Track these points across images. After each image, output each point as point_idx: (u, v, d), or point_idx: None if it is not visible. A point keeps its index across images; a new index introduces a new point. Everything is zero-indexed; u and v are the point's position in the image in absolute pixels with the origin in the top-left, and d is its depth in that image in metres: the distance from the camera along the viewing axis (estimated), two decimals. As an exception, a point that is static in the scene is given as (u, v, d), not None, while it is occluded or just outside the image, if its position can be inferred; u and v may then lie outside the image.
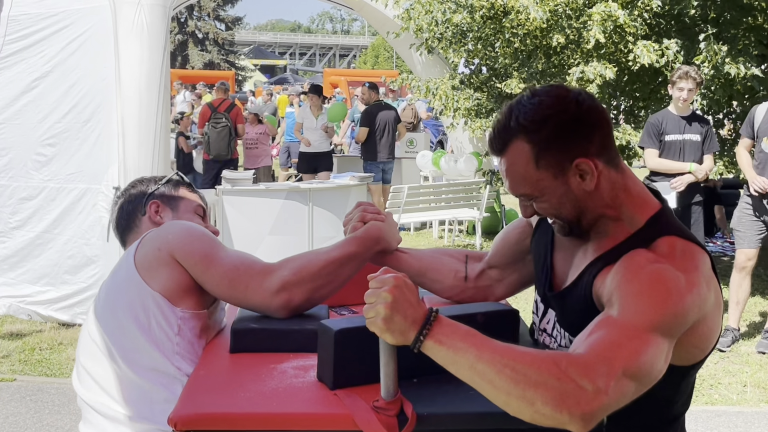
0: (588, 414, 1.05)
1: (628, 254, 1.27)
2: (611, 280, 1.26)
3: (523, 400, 1.06)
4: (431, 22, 7.14)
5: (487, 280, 1.68)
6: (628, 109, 7.33)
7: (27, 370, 4.50)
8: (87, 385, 1.61)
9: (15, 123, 5.37)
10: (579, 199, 1.33)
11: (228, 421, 1.18)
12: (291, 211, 5.90)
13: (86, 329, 1.64)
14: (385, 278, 1.14)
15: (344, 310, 1.80)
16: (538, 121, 1.29)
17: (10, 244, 5.39)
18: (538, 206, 1.36)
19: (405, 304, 1.12)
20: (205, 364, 1.44)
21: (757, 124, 4.90)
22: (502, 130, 1.34)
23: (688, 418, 4.21)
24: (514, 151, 1.32)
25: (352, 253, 1.57)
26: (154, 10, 5.33)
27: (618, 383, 1.08)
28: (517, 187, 1.36)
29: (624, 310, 1.19)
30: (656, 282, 1.20)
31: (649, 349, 1.14)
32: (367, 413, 1.16)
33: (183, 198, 1.81)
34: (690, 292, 1.21)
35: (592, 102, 1.33)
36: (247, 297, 1.52)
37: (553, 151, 1.30)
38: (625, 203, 1.35)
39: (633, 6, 5.98)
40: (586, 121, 1.31)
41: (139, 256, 1.56)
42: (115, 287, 1.59)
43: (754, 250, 4.92)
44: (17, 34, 5.37)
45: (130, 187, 1.84)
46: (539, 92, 1.33)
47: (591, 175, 1.31)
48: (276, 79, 40.90)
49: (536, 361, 1.08)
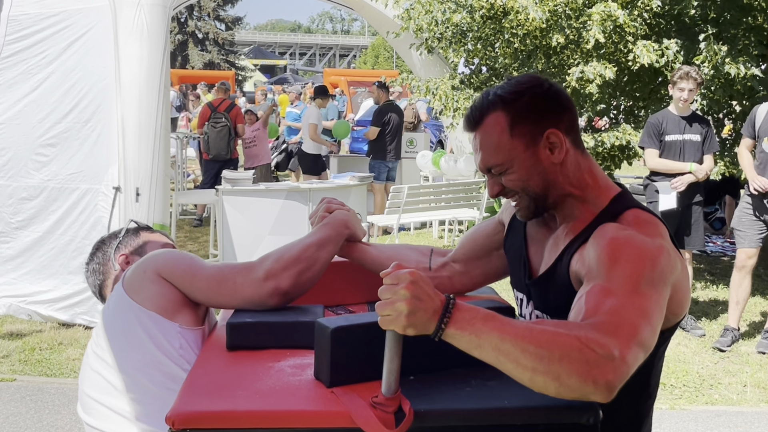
0: (612, 382, 1.09)
1: (599, 229, 1.36)
2: (587, 256, 1.34)
3: (549, 375, 1.09)
4: (431, 22, 7.14)
5: (449, 271, 1.72)
6: (628, 109, 7.33)
7: (27, 370, 4.50)
8: (98, 414, 1.62)
9: (15, 123, 5.38)
10: (547, 172, 1.42)
11: (225, 419, 1.18)
12: (291, 211, 5.90)
13: (87, 363, 1.68)
14: (400, 274, 1.13)
15: (340, 310, 1.80)
16: (516, 92, 1.42)
17: (13, 244, 5.39)
18: (506, 179, 1.44)
19: (424, 297, 1.12)
20: (203, 362, 1.44)
21: (758, 124, 4.91)
22: (480, 104, 1.45)
23: (688, 418, 4.17)
24: (490, 121, 1.43)
25: (326, 237, 1.65)
26: (154, 10, 5.34)
27: (632, 351, 1.13)
28: (489, 158, 1.44)
29: (610, 279, 1.25)
30: (629, 246, 1.29)
31: (648, 312, 1.21)
32: (365, 410, 1.16)
33: (147, 242, 1.89)
34: (661, 254, 1.30)
35: (561, 89, 1.47)
36: (237, 293, 1.55)
37: (527, 121, 1.41)
38: (590, 185, 1.45)
39: (633, 6, 5.98)
40: (558, 100, 1.44)
41: (127, 282, 1.62)
42: (110, 316, 1.64)
43: (755, 249, 4.93)
44: (17, 34, 5.38)
45: (94, 251, 1.92)
46: (515, 77, 1.48)
47: (560, 148, 1.41)
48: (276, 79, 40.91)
49: (558, 336, 1.11)
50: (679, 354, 4.80)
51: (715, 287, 6.38)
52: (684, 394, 4.22)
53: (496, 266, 1.71)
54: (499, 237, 1.69)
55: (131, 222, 1.98)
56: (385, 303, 1.12)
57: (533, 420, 1.19)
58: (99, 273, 1.88)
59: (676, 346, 4.94)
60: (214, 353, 1.48)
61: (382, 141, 8.78)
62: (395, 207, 7.41)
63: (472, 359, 1.20)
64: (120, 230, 1.93)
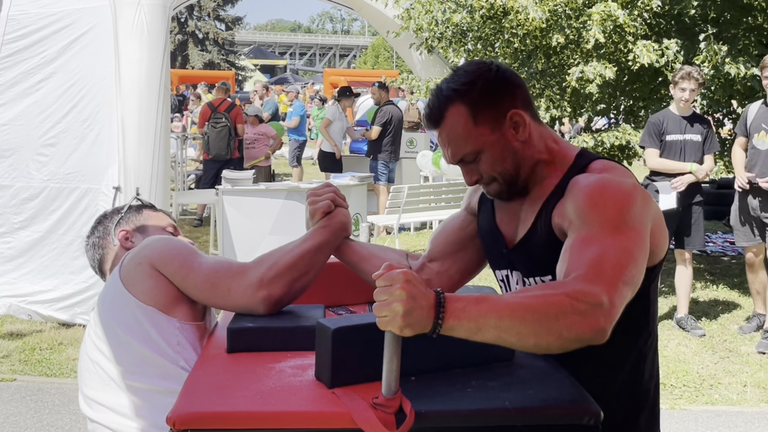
0: (604, 326, 1.18)
1: (572, 182, 1.43)
2: (567, 208, 1.40)
3: (550, 335, 1.16)
4: (431, 22, 7.14)
5: (427, 273, 1.72)
6: (628, 109, 7.32)
7: (27, 370, 4.50)
8: (97, 409, 1.63)
9: (18, 124, 5.38)
10: (517, 151, 1.49)
11: (226, 420, 1.18)
12: (291, 211, 5.90)
13: (85, 352, 1.66)
14: (394, 275, 1.13)
15: (341, 310, 1.80)
16: (468, 83, 1.46)
17: (14, 244, 5.39)
18: (482, 166, 1.49)
19: (419, 295, 1.13)
20: (203, 363, 1.44)
21: (749, 121, 4.99)
22: (437, 102, 1.48)
23: (688, 418, 4.17)
24: (452, 115, 1.47)
25: (324, 242, 1.62)
26: (154, 10, 5.33)
27: (619, 292, 1.21)
28: (459, 150, 1.48)
29: (590, 225, 1.33)
30: (604, 190, 1.37)
31: (631, 250, 1.28)
32: (366, 411, 1.16)
33: (149, 220, 1.87)
34: (636, 192, 1.38)
35: (507, 68, 1.52)
36: (230, 299, 1.54)
37: (487, 107, 1.46)
38: (554, 149, 1.53)
39: (633, 6, 5.98)
40: (508, 80, 1.49)
41: (124, 274, 1.60)
42: (107, 309, 1.62)
43: (757, 244, 4.98)
44: (16, 33, 5.38)
45: (95, 224, 1.89)
46: (460, 67, 1.51)
47: (523, 126, 1.47)
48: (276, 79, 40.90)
49: (548, 298, 1.18)
50: (679, 354, 4.80)
51: (715, 287, 6.38)
52: (684, 394, 4.22)
53: (471, 259, 1.72)
54: (472, 227, 1.70)
55: (135, 198, 1.94)
56: (382, 304, 1.13)
57: (534, 421, 1.19)
58: (98, 247, 1.86)
59: (676, 346, 4.94)
60: (214, 354, 1.48)
61: (383, 141, 8.79)
62: (395, 207, 7.41)
63: (473, 360, 1.20)
64: (123, 206, 1.90)
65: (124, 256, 1.66)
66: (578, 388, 1.27)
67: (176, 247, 1.61)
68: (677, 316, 5.31)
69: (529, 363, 1.38)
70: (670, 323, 5.36)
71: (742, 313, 5.64)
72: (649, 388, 1.57)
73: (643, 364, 1.55)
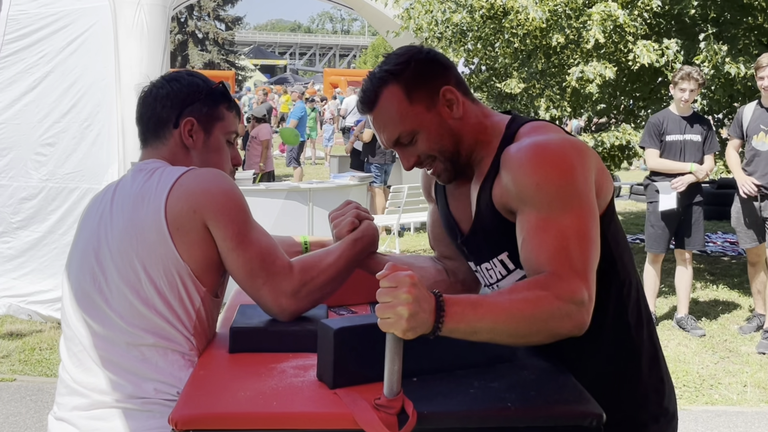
0: (587, 320, 1.26)
1: (504, 154, 1.42)
2: (505, 182, 1.40)
3: (540, 335, 1.24)
4: (431, 22, 7.14)
5: (461, 273, 1.73)
6: (628, 109, 7.32)
7: (27, 370, 4.50)
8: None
9: (15, 123, 5.37)
10: (453, 128, 1.48)
11: (228, 420, 1.18)
12: (291, 211, 5.90)
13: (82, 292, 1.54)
14: (400, 277, 1.14)
15: (343, 310, 1.80)
16: (400, 63, 1.47)
17: (13, 244, 5.39)
18: (420, 146, 1.48)
19: (423, 299, 1.14)
20: (205, 363, 1.44)
21: (746, 123, 4.99)
22: (370, 85, 1.48)
23: (688, 418, 4.16)
24: (386, 96, 1.46)
25: (356, 258, 1.60)
26: (154, 10, 5.33)
27: (591, 282, 1.28)
28: (395, 130, 1.47)
29: (539, 206, 1.33)
30: (539, 158, 1.35)
31: (586, 230, 1.32)
32: (368, 412, 1.16)
33: (220, 120, 1.64)
34: (569, 149, 1.37)
35: (436, 50, 1.54)
36: (258, 295, 1.50)
37: (420, 86, 1.46)
38: (488, 126, 1.51)
39: (633, 6, 5.98)
40: (439, 61, 1.50)
41: (172, 210, 1.45)
42: (139, 236, 1.46)
43: (759, 245, 4.98)
44: (16, 33, 5.37)
45: (171, 80, 1.63)
46: (392, 53, 1.53)
47: (457, 103, 1.47)
48: (276, 79, 40.92)
49: (538, 301, 1.23)
50: (679, 354, 4.80)
51: (715, 287, 6.38)
52: (684, 394, 4.21)
53: None
54: None
55: (220, 84, 1.67)
56: (385, 306, 1.13)
57: (536, 422, 1.19)
58: (157, 118, 1.60)
59: (676, 346, 4.94)
60: (215, 355, 1.48)
61: (375, 144, 8.69)
62: (395, 207, 7.41)
63: (475, 361, 1.20)
64: (205, 84, 1.63)
65: (179, 177, 1.48)
66: (580, 389, 1.27)
67: (236, 209, 1.48)
68: (677, 316, 5.31)
69: (532, 364, 1.39)
70: (670, 323, 5.36)
71: (742, 313, 5.64)
72: (640, 335, 1.54)
73: (626, 315, 1.52)
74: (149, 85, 1.64)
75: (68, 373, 1.57)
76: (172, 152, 1.60)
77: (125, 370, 1.48)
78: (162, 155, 1.59)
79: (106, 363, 1.50)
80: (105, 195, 1.59)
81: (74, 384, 1.54)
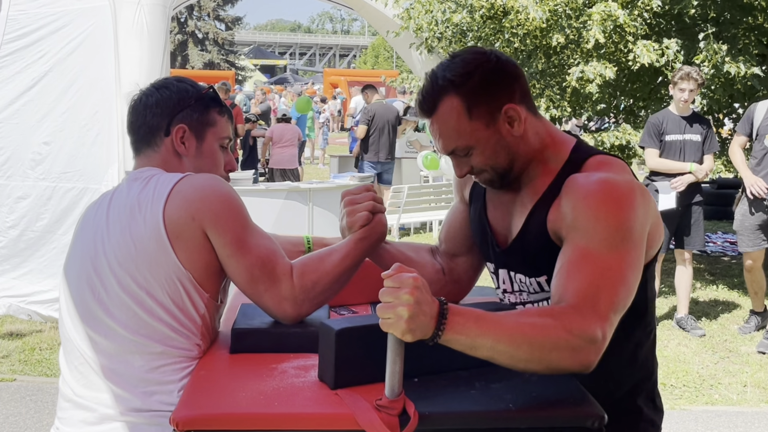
0: (593, 361, 1.21)
1: (568, 181, 1.38)
2: (564, 211, 1.36)
3: (540, 364, 1.19)
4: (431, 22, 7.14)
5: (458, 272, 1.70)
6: (628, 108, 7.32)
7: (27, 370, 4.50)
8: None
9: (13, 122, 5.37)
10: (511, 146, 1.43)
11: (230, 421, 1.18)
12: (291, 211, 5.90)
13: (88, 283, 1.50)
14: (404, 279, 1.13)
15: (344, 310, 1.80)
16: (465, 74, 1.39)
17: (9, 243, 5.38)
18: (474, 160, 1.44)
19: (425, 302, 1.13)
20: (206, 364, 1.44)
21: (758, 122, 4.93)
22: (431, 90, 1.41)
23: (688, 418, 4.16)
24: (446, 107, 1.40)
25: (361, 257, 1.57)
26: (154, 10, 5.33)
27: (610, 324, 1.24)
28: (451, 143, 1.42)
29: (590, 237, 1.30)
30: (604, 194, 1.32)
31: (625, 275, 1.28)
32: (369, 413, 1.16)
33: (212, 125, 1.63)
34: (635, 192, 1.34)
35: (507, 57, 1.45)
36: (261, 300, 1.49)
37: (482, 101, 1.39)
38: (549, 145, 1.47)
39: (633, 6, 5.98)
40: (507, 71, 1.42)
41: (170, 218, 1.44)
42: (138, 245, 1.44)
43: (758, 252, 4.96)
44: (16, 33, 5.36)
45: (161, 87, 1.61)
46: (458, 53, 1.44)
47: (518, 121, 1.42)
48: (276, 79, 40.90)
49: (546, 331, 1.19)
50: (679, 354, 4.80)
51: (715, 287, 6.38)
52: (684, 394, 4.21)
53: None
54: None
55: (210, 88, 1.66)
56: (387, 306, 1.12)
57: (538, 423, 1.19)
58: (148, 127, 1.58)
59: (676, 346, 4.94)
60: (216, 355, 1.48)
61: (369, 141, 8.63)
62: (395, 207, 7.40)
63: (475, 362, 1.20)
64: (195, 89, 1.62)
65: (176, 182, 1.47)
66: (582, 390, 1.27)
67: (234, 215, 1.46)
68: (677, 316, 5.31)
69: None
70: (670, 323, 5.36)
71: (742, 313, 5.64)
72: (649, 371, 1.57)
73: (640, 351, 1.54)
74: (138, 93, 1.62)
75: (70, 387, 1.56)
76: (164, 160, 1.58)
77: (131, 383, 1.47)
78: (155, 163, 1.58)
79: (110, 376, 1.49)
80: (101, 205, 1.57)
81: (77, 398, 1.54)
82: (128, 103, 1.63)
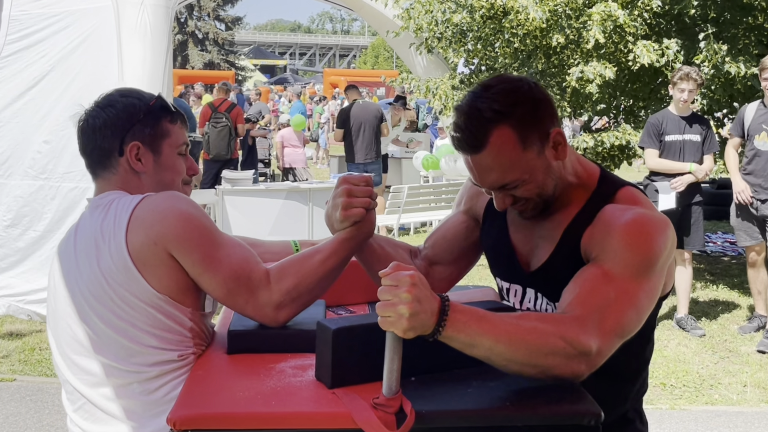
0: (584, 373, 1.23)
1: (602, 211, 1.40)
2: (600, 239, 1.37)
3: (535, 368, 1.21)
4: (431, 22, 7.14)
5: (432, 280, 1.64)
6: (628, 109, 7.32)
7: (27, 370, 4.50)
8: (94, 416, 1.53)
9: (14, 122, 5.37)
10: (556, 172, 1.42)
11: (227, 420, 1.18)
12: (291, 211, 5.92)
13: (68, 337, 1.51)
14: (401, 276, 1.13)
15: (341, 310, 1.80)
16: (512, 104, 1.35)
17: (10, 242, 5.39)
18: (521, 190, 1.40)
19: (424, 299, 1.13)
20: (203, 364, 1.44)
21: (747, 123, 5.01)
22: (477, 124, 1.35)
23: (688, 418, 4.16)
24: (498, 140, 1.35)
25: (346, 257, 1.54)
26: (157, 10, 5.34)
27: (610, 344, 1.25)
28: (506, 176, 1.37)
29: (616, 260, 1.32)
30: (642, 230, 1.34)
31: (640, 301, 1.30)
32: (366, 411, 1.16)
33: (166, 137, 1.57)
34: (666, 226, 1.38)
35: (537, 83, 1.43)
36: (243, 311, 1.48)
37: (533, 129, 1.37)
38: (578, 170, 1.48)
39: (633, 6, 5.98)
40: (544, 97, 1.41)
41: (134, 246, 1.42)
42: (109, 279, 1.42)
43: (758, 243, 5.00)
44: (18, 34, 5.37)
45: (106, 106, 1.55)
46: (493, 83, 1.39)
47: (563, 144, 1.41)
48: (276, 79, 40.91)
49: (544, 335, 1.20)
50: (679, 354, 4.80)
51: (715, 287, 6.38)
52: (684, 394, 4.22)
53: (470, 264, 1.70)
54: (476, 236, 1.65)
55: (157, 99, 1.59)
56: (386, 305, 1.12)
57: (535, 421, 1.19)
58: (100, 149, 1.54)
59: (676, 346, 4.94)
60: (214, 355, 1.48)
61: (348, 143, 8.34)
62: (395, 207, 7.41)
63: (473, 360, 1.20)
64: (139, 107, 1.56)
65: (136, 206, 1.44)
66: (579, 388, 1.27)
67: (197, 234, 1.43)
68: (677, 316, 5.31)
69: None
70: (670, 323, 5.36)
71: (742, 313, 5.64)
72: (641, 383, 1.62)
73: (645, 371, 1.61)
74: (84, 114, 1.57)
75: (78, 426, 1.56)
76: (123, 180, 1.55)
77: (136, 412, 1.48)
78: (114, 185, 1.55)
79: (114, 409, 1.49)
80: (68, 240, 1.56)
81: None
82: (75, 125, 1.58)
